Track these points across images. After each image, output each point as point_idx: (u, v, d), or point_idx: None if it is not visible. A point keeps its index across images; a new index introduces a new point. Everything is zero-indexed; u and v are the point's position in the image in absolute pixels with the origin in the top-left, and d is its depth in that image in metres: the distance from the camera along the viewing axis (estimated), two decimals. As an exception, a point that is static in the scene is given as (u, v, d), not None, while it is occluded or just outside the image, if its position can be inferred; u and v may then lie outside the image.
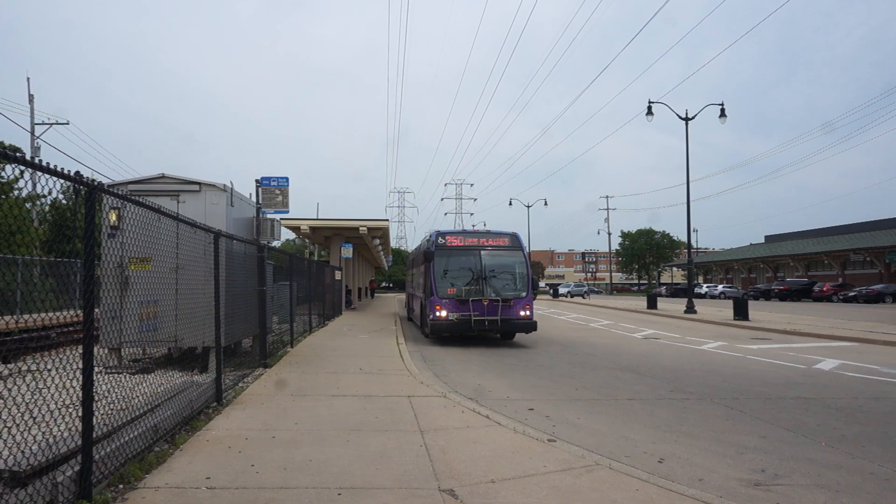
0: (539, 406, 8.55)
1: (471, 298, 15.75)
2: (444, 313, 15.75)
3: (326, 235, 33.27)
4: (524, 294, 16.27)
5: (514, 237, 17.22)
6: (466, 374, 11.52)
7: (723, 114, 31.84)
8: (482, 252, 16.54)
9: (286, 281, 14.99)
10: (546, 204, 68.92)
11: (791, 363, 13.14)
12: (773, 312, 31.58)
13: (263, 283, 11.01)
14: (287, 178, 15.10)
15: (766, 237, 79.95)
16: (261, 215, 13.94)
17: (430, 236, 17.58)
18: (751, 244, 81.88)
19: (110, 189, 4.67)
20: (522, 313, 16.07)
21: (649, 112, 32.32)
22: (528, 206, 67.94)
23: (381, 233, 34.09)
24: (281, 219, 15.69)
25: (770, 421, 7.69)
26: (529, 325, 16.08)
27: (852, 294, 45.79)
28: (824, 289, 49.59)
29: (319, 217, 35.03)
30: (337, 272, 28.03)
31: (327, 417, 7.12)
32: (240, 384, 9.10)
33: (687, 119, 32.06)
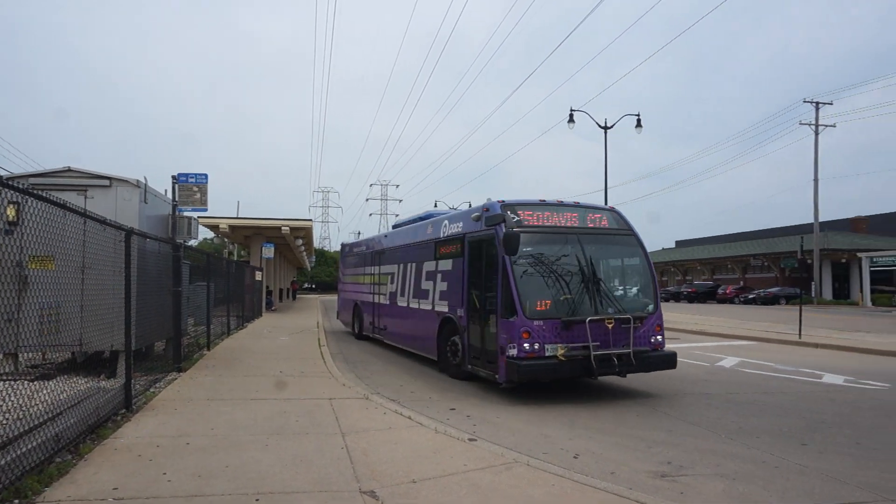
0: (461, 406, 8.67)
1: (588, 318, 8.83)
2: (536, 346, 8.64)
3: (247, 235, 32.30)
4: (652, 307, 9.85)
5: (618, 215, 10.40)
6: (389, 376, 11.51)
7: (639, 124, 33.28)
8: (583, 239, 9.55)
9: (203, 281, 14.45)
10: (470, 205, 69.83)
11: (697, 361, 13.96)
12: (682, 314, 33.39)
13: (179, 283, 10.57)
14: (206, 175, 14.56)
15: (677, 242, 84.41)
16: (177, 213, 13.37)
17: (484, 210, 9.86)
18: (663, 249, 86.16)
19: (8, 182, 4.37)
20: (654, 338, 9.59)
21: (571, 119, 33.33)
22: (453, 208, 68.59)
23: (305, 233, 33.45)
24: (199, 217, 15.11)
25: (677, 416, 8.15)
26: (670, 359, 9.64)
27: (752, 296, 49.13)
28: (727, 291, 52.98)
29: (240, 216, 33.99)
30: (257, 272, 27.26)
31: (245, 422, 6.94)
32: (151, 389, 8.70)
33: (606, 127, 33.34)
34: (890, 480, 5.55)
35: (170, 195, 13.38)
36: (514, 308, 8.75)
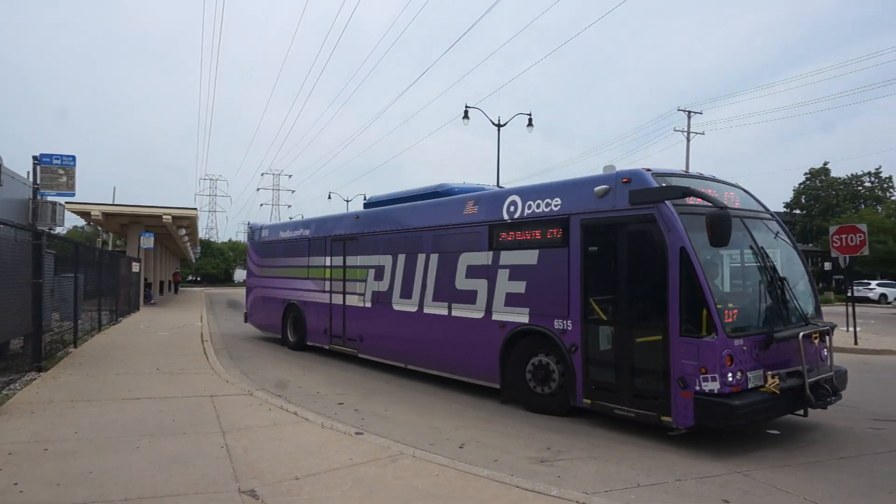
0: (349, 400, 8.60)
1: (801, 333, 6.61)
2: (739, 376, 6.16)
3: (123, 223, 30.07)
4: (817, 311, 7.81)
5: (749, 194, 7.93)
6: (277, 371, 11.19)
7: (530, 123, 34.52)
8: (749, 225, 7.24)
9: (71, 273, 13.29)
10: (365, 198, 69.18)
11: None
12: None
13: (40, 274, 9.64)
14: (73, 157, 13.40)
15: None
16: (39, 197, 12.19)
17: (622, 181, 7.00)
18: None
19: None
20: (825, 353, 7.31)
21: (466, 116, 33.94)
22: (348, 201, 67.70)
23: (189, 222, 31.68)
24: (66, 202, 13.89)
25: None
26: (844, 380, 7.34)
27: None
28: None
29: (116, 202, 31.55)
30: (134, 264, 25.48)
31: (115, 423, 6.47)
32: (4, 391, 7.89)
33: (499, 125, 34.26)
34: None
35: (32, 178, 12.17)
36: (711, 322, 6.09)
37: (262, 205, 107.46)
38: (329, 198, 60.26)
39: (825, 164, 55.89)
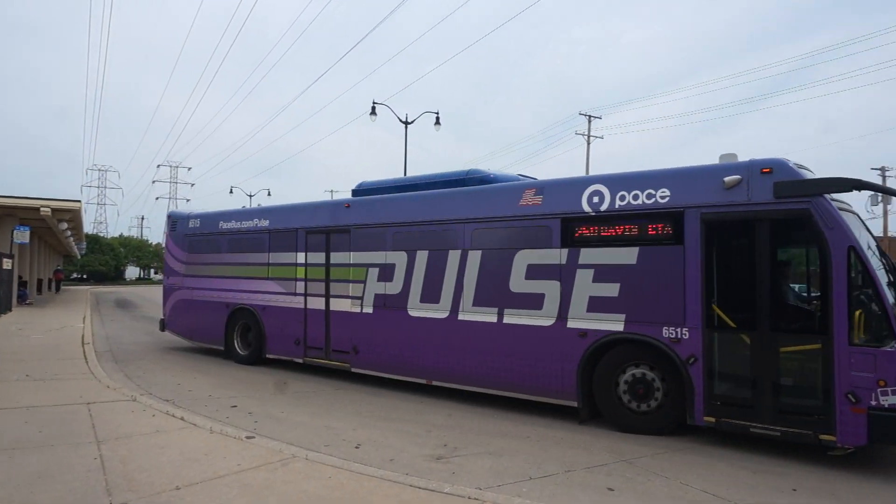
0: (245, 402, 8.25)
1: None
2: None
3: (-7, 216, 27.34)
4: None
5: None
6: (167, 374, 10.55)
7: (437, 122, 34.74)
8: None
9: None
10: (269, 194, 66.99)
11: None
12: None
13: None
14: (-71, 141, 11.95)
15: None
16: None
17: (762, 171, 6.21)
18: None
19: None
20: None
21: (373, 112, 33.62)
22: (251, 196, 65.29)
23: (72, 216, 29.28)
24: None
25: (460, 400, 8.63)
26: None
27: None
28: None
29: (-16, 193, 28.63)
30: (6, 260, 23.26)
31: (-30, 437, 5.84)
32: None
33: (406, 123, 34.19)
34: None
35: None
36: (891, 329, 5.55)
37: (157, 198, 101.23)
38: (231, 192, 57.82)
39: None
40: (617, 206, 7.16)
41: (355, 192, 10.61)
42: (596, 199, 7.35)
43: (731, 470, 5.71)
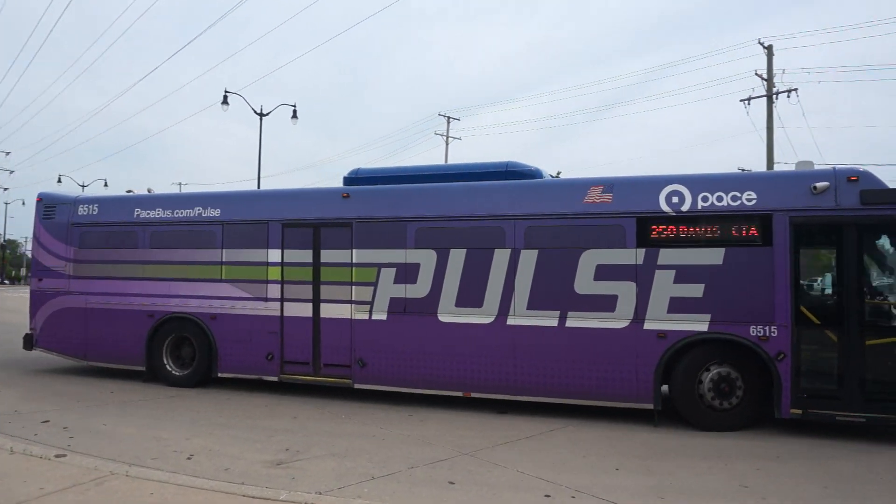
0: (59, 417, 7.35)
1: None
2: None
3: None
4: None
5: None
6: None
7: (295, 115, 33.64)
8: None
9: None
10: (106, 185, 61.03)
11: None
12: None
13: None
14: None
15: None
16: None
17: (849, 179, 6.84)
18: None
19: None
20: None
21: (225, 101, 31.76)
22: (84, 186, 59.01)
23: None
24: None
25: (303, 402, 8.35)
26: None
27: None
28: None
29: None
30: None
31: None
32: None
33: (261, 114, 32.75)
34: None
35: None
36: None
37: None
38: (59, 181, 51.80)
39: (558, 173, 64.09)
40: (700, 207, 7.23)
41: (350, 181, 9.26)
42: (676, 200, 7.33)
43: (564, 455, 6.06)
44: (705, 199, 7.24)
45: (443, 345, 8.05)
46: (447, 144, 54.39)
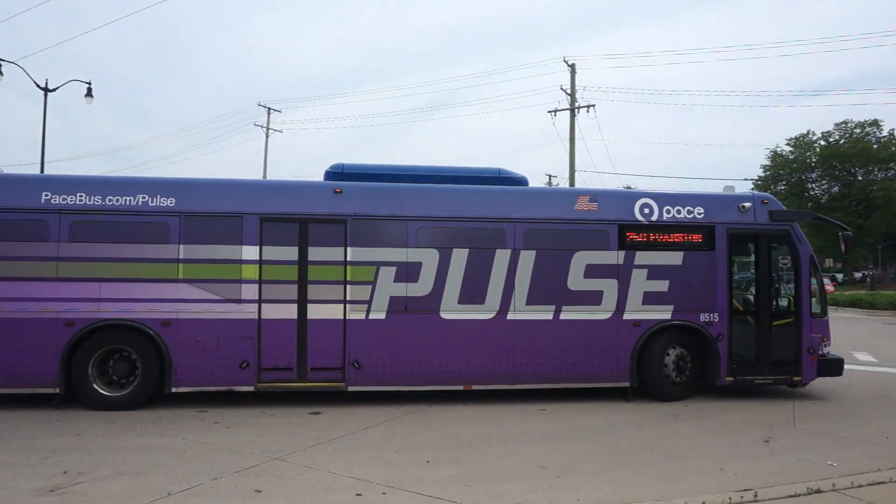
0: None
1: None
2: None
3: None
4: None
5: None
6: None
7: (90, 93, 29.86)
8: None
9: None
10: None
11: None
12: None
13: None
14: None
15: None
16: None
17: (762, 202, 9.09)
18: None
19: None
20: None
21: (-2, 72, 27.31)
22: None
23: None
24: None
25: (91, 416, 7.44)
26: None
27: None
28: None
29: None
30: None
31: None
32: None
33: (46, 89, 28.62)
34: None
35: None
36: (825, 307, 9.16)
37: None
38: None
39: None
40: (665, 218, 8.80)
41: (335, 176, 8.74)
42: (647, 210, 8.80)
43: (377, 452, 6.08)
44: (668, 212, 8.84)
45: (445, 341, 8.29)
46: (267, 136, 52.25)
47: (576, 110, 30.44)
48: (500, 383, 8.45)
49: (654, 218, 8.80)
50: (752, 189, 51.62)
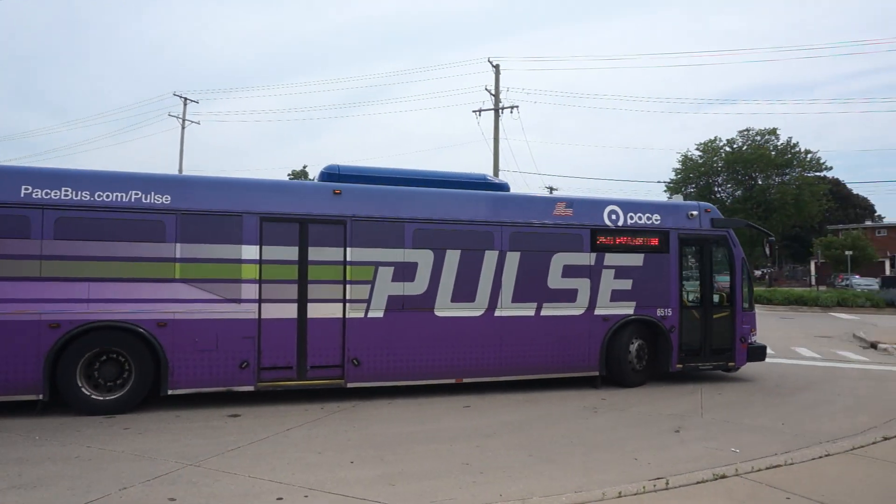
0: None
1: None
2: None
3: None
4: None
5: None
6: None
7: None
8: None
9: None
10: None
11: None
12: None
13: None
14: None
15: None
16: None
17: (705, 211, 10.51)
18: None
19: None
20: None
21: None
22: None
23: None
24: None
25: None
26: None
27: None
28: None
29: None
30: None
31: None
32: None
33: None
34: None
35: None
36: (752, 301, 10.54)
37: None
38: None
39: (304, 167, 62.51)
40: (628, 224, 9.71)
41: (330, 177, 8.91)
42: (614, 216, 9.68)
43: (299, 454, 5.95)
44: (631, 218, 9.77)
45: (439, 337, 8.69)
46: (183, 128, 50.09)
47: (500, 111, 30.91)
48: (488, 375, 8.99)
49: (620, 223, 9.71)
50: (665, 191, 54.58)
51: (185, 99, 48.97)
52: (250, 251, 8.04)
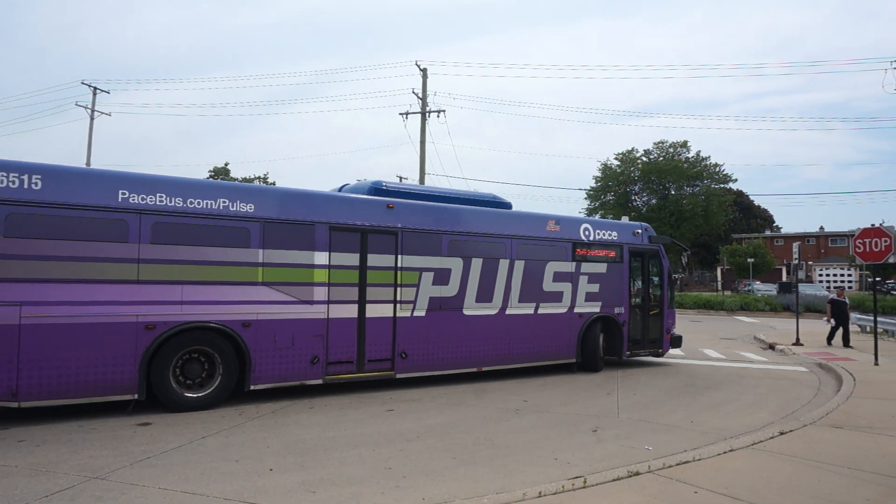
0: None
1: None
2: None
3: None
4: None
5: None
6: None
7: None
8: None
9: None
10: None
11: None
12: None
13: None
14: None
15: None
16: None
17: (645, 230, 13.30)
18: None
19: None
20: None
21: None
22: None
23: None
24: None
25: None
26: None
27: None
28: None
29: None
30: None
31: None
32: None
33: None
34: (101, 458, 5.72)
35: None
36: (673, 301, 13.41)
37: None
38: None
39: (226, 164, 60.44)
40: (596, 238, 12.03)
41: (377, 192, 10.02)
42: (587, 232, 11.95)
43: (214, 463, 5.70)
44: (598, 234, 12.11)
45: (466, 333, 10.25)
46: (92, 119, 47.26)
47: (427, 114, 31.00)
48: (500, 364, 10.74)
49: (591, 238, 11.97)
50: (585, 198, 56.36)
51: (95, 88, 46.25)
52: (321, 257, 8.86)
